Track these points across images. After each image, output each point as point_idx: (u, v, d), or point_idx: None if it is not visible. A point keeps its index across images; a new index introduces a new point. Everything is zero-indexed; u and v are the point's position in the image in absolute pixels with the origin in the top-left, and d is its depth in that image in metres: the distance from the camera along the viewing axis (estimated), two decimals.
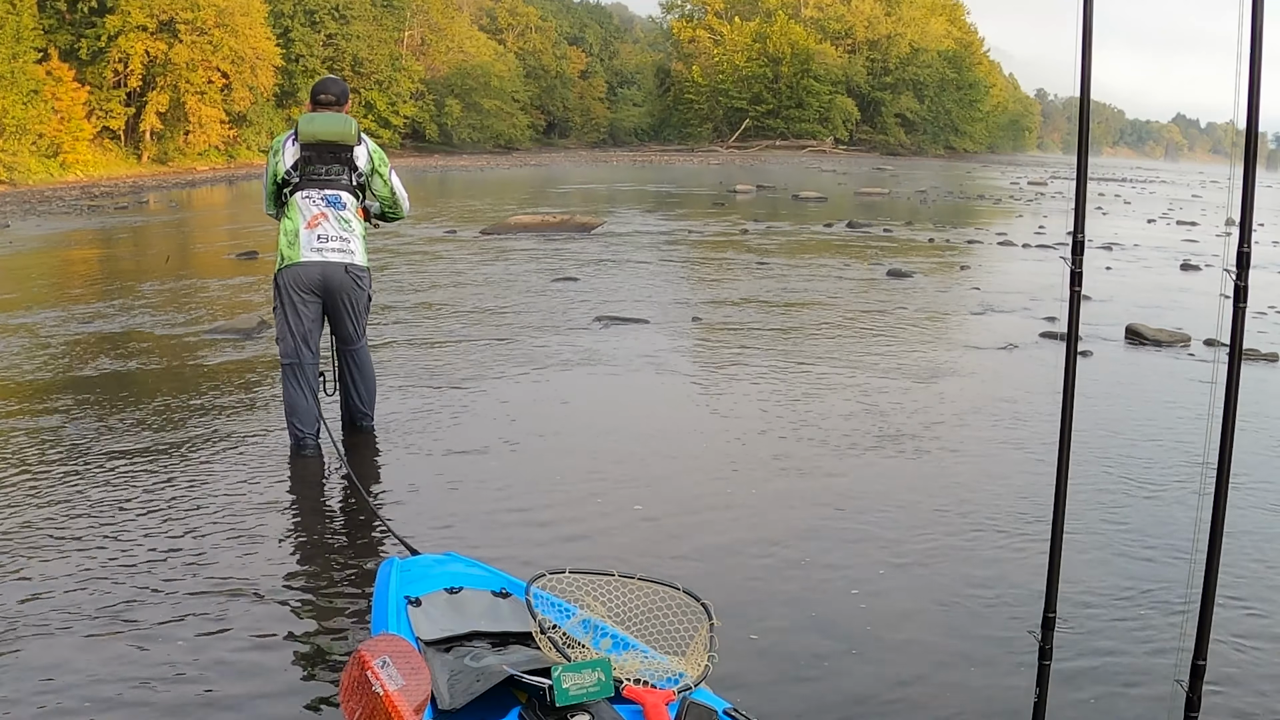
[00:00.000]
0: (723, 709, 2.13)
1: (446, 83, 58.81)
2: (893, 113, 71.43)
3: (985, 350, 7.61)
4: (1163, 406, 6.07)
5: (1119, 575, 3.57)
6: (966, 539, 3.89)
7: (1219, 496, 2.09)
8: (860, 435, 5.24)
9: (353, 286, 4.80)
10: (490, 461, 4.74)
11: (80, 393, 5.91)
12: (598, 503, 4.20)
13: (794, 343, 7.73)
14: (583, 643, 2.25)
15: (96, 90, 36.93)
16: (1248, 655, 3.01)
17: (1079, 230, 2.26)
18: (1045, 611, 2.35)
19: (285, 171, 4.74)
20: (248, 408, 5.62)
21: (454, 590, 2.57)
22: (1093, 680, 2.85)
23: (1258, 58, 1.94)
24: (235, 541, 3.73)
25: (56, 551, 3.59)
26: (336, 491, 4.46)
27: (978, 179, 42.18)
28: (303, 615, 3.19)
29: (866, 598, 3.36)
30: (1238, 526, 3.91)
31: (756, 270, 11.84)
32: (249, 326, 7.79)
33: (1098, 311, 9.02)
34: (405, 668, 1.94)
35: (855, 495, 4.36)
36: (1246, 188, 2.06)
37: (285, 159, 4.74)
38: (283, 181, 4.77)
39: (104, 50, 37.16)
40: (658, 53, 79.32)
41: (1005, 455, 5.02)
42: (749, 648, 2.98)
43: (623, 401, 5.98)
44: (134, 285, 10.30)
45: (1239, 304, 2.02)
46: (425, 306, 9.03)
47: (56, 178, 31.87)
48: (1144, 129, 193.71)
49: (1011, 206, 26.15)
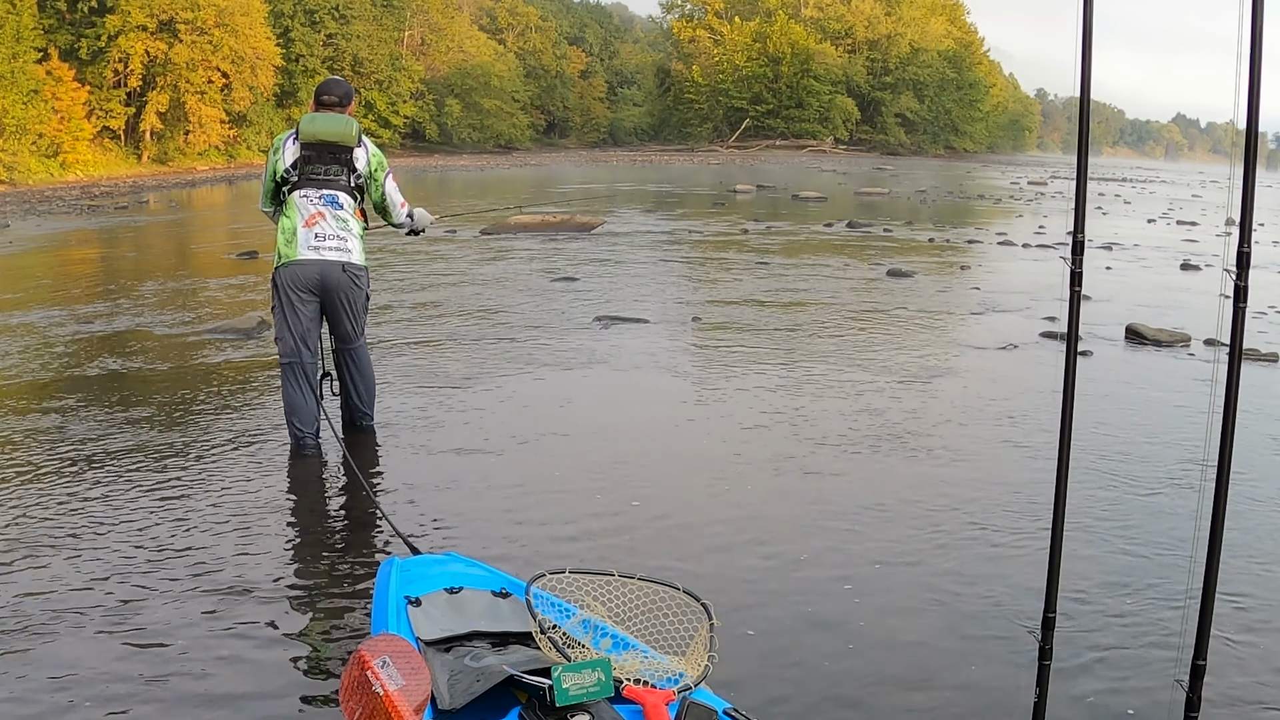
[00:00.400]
0: (723, 709, 2.13)
1: (446, 83, 58.82)
2: (893, 113, 71.44)
3: (985, 350, 7.61)
4: (1163, 406, 6.07)
5: (1119, 575, 3.57)
6: (966, 538, 3.89)
7: (1219, 496, 2.09)
8: (860, 434, 5.24)
9: (350, 285, 4.80)
10: (490, 461, 4.74)
11: (80, 392, 5.91)
12: (598, 502, 4.20)
13: (794, 342, 7.73)
14: (583, 643, 2.25)
15: (96, 90, 36.95)
16: (1245, 653, 3.01)
17: (1079, 230, 2.26)
18: (1045, 611, 2.36)
19: (285, 170, 4.75)
20: (248, 407, 5.63)
21: (454, 590, 2.57)
22: (1093, 680, 2.85)
23: (1258, 58, 1.94)
24: (235, 541, 3.73)
25: (56, 551, 3.59)
26: (336, 491, 4.46)
27: (978, 179, 42.18)
28: (302, 615, 3.19)
29: (866, 597, 3.36)
30: (1237, 526, 3.91)
31: (756, 270, 11.84)
32: (249, 326, 7.80)
33: (1098, 311, 9.02)
34: (405, 668, 1.94)
35: (855, 494, 4.36)
36: (1246, 188, 2.06)
37: (285, 157, 4.75)
38: (282, 180, 4.78)
39: (104, 50, 37.18)
40: (658, 53, 79.31)
41: (1005, 455, 5.02)
42: (748, 647, 2.98)
43: (623, 401, 5.98)
44: (134, 285, 10.30)
45: (1239, 304, 2.02)
46: (425, 306, 9.03)
47: (56, 178, 31.88)
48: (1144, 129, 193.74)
49: (1011, 206, 26.15)
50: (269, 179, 4.84)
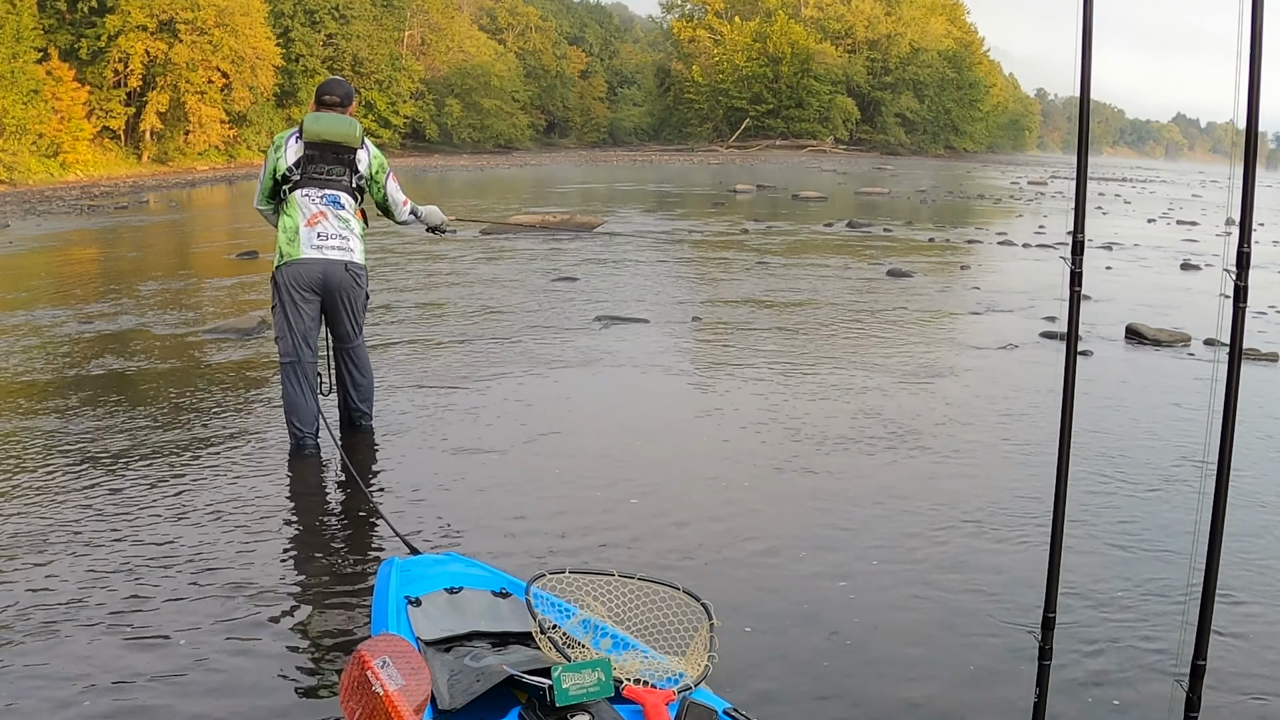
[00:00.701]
0: (723, 709, 2.13)
1: (446, 82, 58.82)
2: (893, 112, 71.45)
3: (985, 350, 7.61)
4: (1163, 406, 6.07)
5: (1119, 575, 3.57)
6: (966, 538, 3.89)
7: (1219, 496, 2.09)
8: (859, 434, 5.24)
9: (352, 284, 4.80)
10: (490, 461, 4.74)
11: (81, 392, 5.92)
12: (597, 502, 4.20)
13: (794, 342, 7.73)
14: (583, 643, 2.25)
15: (96, 90, 36.94)
16: (1244, 650, 3.01)
17: (1079, 230, 2.26)
18: (1045, 611, 2.35)
19: (287, 168, 4.75)
20: (248, 407, 5.63)
21: (454, 590, 2.57)
22: (1093, 680, 2.85)
23: (1258, 58, 1.94)
24: (235, 541, 3.73)
25: (55, 551, 3.59)
26: (336, 491, 4.46)
27: (978, 179, 42.18)
28: (302, 614, 3.19)
29: (864, 596, 3.36)
30: (1237, 525, 3.91)
31: (756, 270, 11.84)
32: (249, 326, 7.80)
33: (1098, 311, 9.02)
34: (405, 668, 1.94)
35: (854, 494, 4.36)
36: (1246, 188, 2.06)
37: (288, 156, 4.75)
38: (283, 179, 4.78)
39: (104, 50, 37.17)
40: (658, 52, 79.33)
41: (1005, 455, 5.02)
42: (747, 646, 2.98)
43: (622, 401, 5.98)
44: (135, 285, 10.30)
45: (1239, 304, 2.02)
46: (426, 306, 9.03)
47: (56, 178, 31.88)
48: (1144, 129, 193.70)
49: (1011, 206, 26.15)
50: (268, 176, 4.83)
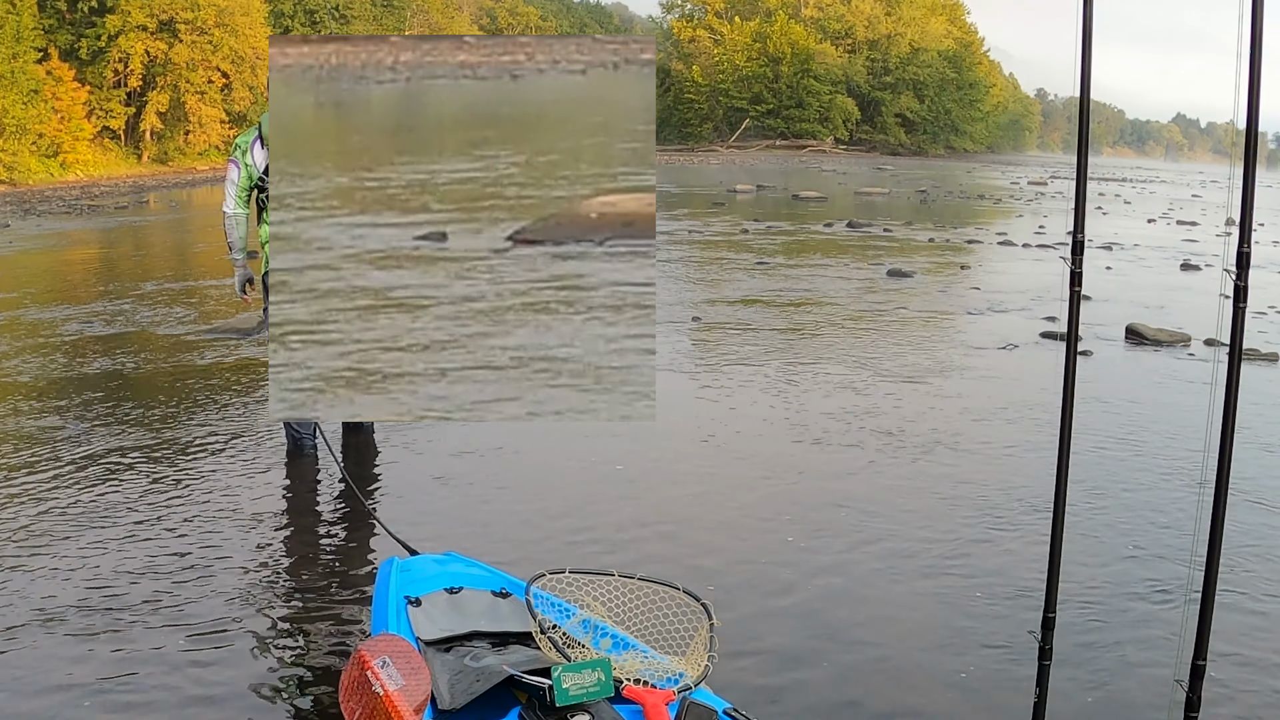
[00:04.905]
0: (723, 709, 2.13)
1: None
2: (893, 112, 71.41)
3: (985, 350, 7.61)
4: (1162, 406, 6.07)
5: (1119, 575, 3.57)
6: (966, 538, 3.88)
7: (1219, 496, 2.09)
8: (859, 434, 5.24)
9: None
10: (489, 461, 4.74)
11: (80, 392, 5.91)
12: (597, 502, 4.20)
13: (794, 342, 7.72)
14: (583, 643, 2.25)
15: (96, 90, 36.90)
16: (1243, 651, 3.01)
17: (1079, 230, 2.26)
18: (1045, 611, 2.35)
19: (260, 176, 4.67)
20: (247, 407, 5.62)
21: (454, 590, 2.57)
22: (1093, 680, 2.85)
23: (1258, 58, 1.94)
24: (234, 541, 3.73)
25: (55, 551, 3.59)
26: (335, 492, 4.46)
27: (978, 179, 42.16)
28: (302, 615, 3.19)
29: (864, 595, 3.36)
30: (1237, 525, 3.90)
31: (756, 270, 11.83)
32: (249, 326, 7.79)
33: (1098, 311, 9.01)
34: (405, 668, 1.94)
35: (854, 494, 4.36)
36: (1246, 188, 2.06)
37: (257, 162, 4.63)
38: (256, 186, 4.70)
39: (104, 50, 37.14)
40: (658, 52, 79.14)
41: (1004, 454, 5.01)
42: (746, 646, 2.98)
43: None
44: (135, 285, 10.30)
45: (1239, 304, 2.02)
46: None
47: (56, 178, 31.86)
48: (1144, 129, 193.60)
49: (1011, 206, 26.15)
50: (244, 179, 4.64)
